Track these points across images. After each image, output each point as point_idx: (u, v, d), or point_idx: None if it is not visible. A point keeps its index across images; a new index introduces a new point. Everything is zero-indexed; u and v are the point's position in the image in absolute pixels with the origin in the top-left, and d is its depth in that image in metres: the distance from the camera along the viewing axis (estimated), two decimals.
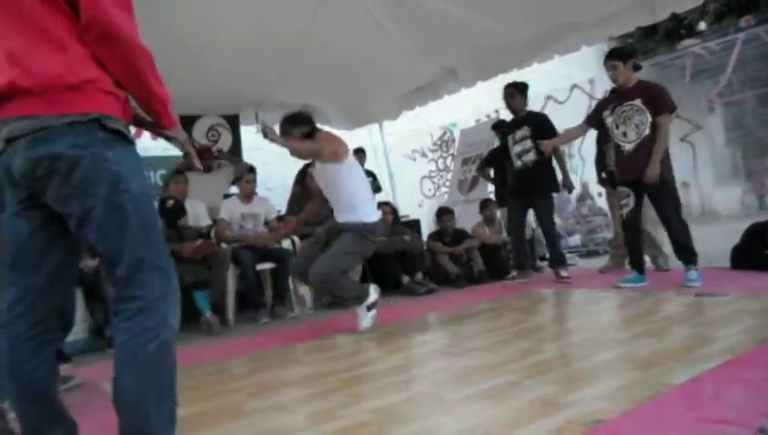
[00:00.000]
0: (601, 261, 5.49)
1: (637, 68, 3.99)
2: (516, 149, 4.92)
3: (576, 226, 7.78)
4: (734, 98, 9.36)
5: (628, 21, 4.68)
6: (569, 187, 5.16)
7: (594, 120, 4.20)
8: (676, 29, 10.43)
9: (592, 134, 5.20)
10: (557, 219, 6.06)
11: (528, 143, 4.82)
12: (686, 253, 3.80)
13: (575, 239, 7.54)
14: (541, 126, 4.83)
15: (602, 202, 6.11)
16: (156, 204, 3.10)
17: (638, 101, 3.83)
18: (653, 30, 9.12)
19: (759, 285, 3.44)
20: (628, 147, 3.88)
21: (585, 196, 8.50)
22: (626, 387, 1.85)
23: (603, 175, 4.98)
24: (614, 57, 3.91)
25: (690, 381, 1.84)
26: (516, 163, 4.93)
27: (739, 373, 1.87)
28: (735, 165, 11.31)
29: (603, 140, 4.89)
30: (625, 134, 3.90)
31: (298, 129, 3.37)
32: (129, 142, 1.40)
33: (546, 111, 5.95)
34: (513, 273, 5.12)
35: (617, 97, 4.01)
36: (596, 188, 6.72)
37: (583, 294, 4.11)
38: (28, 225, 1.39)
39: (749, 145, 10.49)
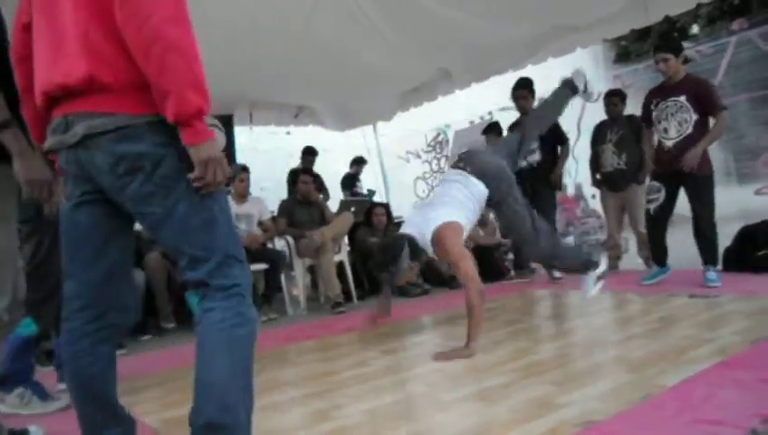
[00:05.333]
0: None
1: (686, 61, 3.86)
2: None
3: (569, 227, 7.79)
4: (726, 101, 9.42)
5: (621, 23, 4.71)
6: (557, 185, 5.01)
7: (646, 117, 4.02)
8: (669, 32, 10.50)
9: (587, 135, 5.21)
10: None
11: (533, 143, 4.69)
12: (710, 252, 3.72)
13: (568, 241, 7.55)
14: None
15: (596, 204, 6.11)
16: None
17: (682, 98, 3.71)
18: (646, 33, 9.20)
19: (751, 287, 3.46)
20: (668, 143, 3.79)
21: (579, 197, 8.52)
22: (619, 388, 1.87)
23: (597, 176, 4.99)
24: (666, 50, 3.75)
25: (683, 382, 1.85)
26: (520, 162, 4.81)
27: (732, 374, 1.88)
28: (727, 168, 11.37)
29: (598, 142, 4.91)
30: (666, 130, 3.80)
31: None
32: None
33: None
34: (512, 272, 5.07)
35: (661, 91, 3.89)
36: (590, 190, 6.73)
37: (577, 295, 4.11)
38: (89, 218, 1.34)
39: (741, 148, 10.54)
